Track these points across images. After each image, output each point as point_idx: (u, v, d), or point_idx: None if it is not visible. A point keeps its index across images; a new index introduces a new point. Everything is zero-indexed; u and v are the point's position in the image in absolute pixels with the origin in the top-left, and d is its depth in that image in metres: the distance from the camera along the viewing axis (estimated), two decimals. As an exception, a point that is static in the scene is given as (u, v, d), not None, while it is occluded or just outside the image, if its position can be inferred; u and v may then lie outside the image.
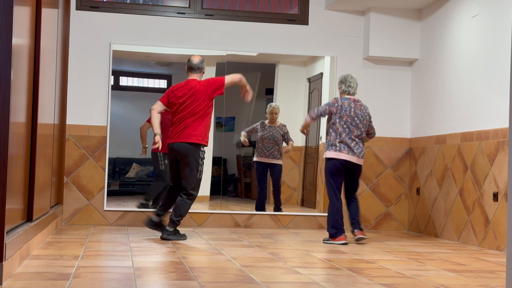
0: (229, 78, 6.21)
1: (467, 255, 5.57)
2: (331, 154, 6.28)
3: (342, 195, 6.36)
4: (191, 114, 6.09)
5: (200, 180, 6.14)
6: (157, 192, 7.75)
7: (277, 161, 8.03)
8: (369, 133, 6.51)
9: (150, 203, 7.69)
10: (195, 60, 6.24)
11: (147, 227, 6.24)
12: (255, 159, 8.09)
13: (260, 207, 7.91)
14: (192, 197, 6.12)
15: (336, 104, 6.33)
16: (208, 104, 6.13)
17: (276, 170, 8.07)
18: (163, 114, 6.40)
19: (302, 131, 6.67)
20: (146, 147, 7.76)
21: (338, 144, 6.26)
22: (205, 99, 6.11)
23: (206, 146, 6.17)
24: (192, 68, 6.23)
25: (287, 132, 8.04)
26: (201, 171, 6.13)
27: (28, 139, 4.60)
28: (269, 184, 8.21)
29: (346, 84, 6.40)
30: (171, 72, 8.55)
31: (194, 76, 6.23)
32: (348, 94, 6.40)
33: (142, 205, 7.66)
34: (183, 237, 6.12)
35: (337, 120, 6.28)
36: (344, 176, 6.35)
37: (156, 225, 6.18)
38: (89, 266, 4.30)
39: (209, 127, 6.20)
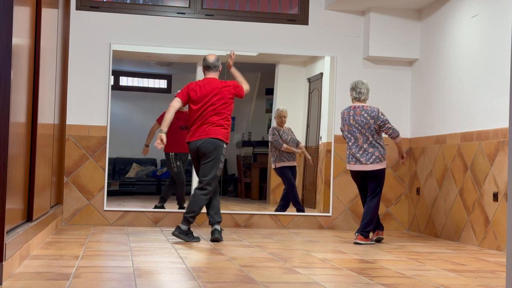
0: (245, 88, 6.31)
1: (467, 255, 5.57)
2: (347, 167, 6.48)
3: None
4: (216, 113, 6.09)
5: (217, 177, 6.10)
6: (168, 195, 7.78)
7: (295, 162, 8.05)
8: (387, 134, 6.35)
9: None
10: (211, 59, 6.23)
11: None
12: (280, 164, 7.98)
13: (301, 207, 7.90)
14: (206, 191, 6.02)
15: (341, 117, 6.47)
16: (232, 105, 6.19)
17: (295, 172, 8.08)
18: (175, 123, 6.44)
19: None
20: (148, 146, 7.75)
21: (347, 155, 6.41)
22: (230, 99, 6.15)
23: (228, 144, 6.24)
24: (208, 67, 6.23)
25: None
26: (221, 169, 6.12)
27: (28, 139, 4.60)
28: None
29: (356, 91, 6.40)
30: (171, 72, 8.56)
31: (212, 75, 6.22)
32: (358, 100, 6.40)
33: (156, 207, 7.69)
34: (196, 239, 5.99)
35: (343, 132, 6.44)
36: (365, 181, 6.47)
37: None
38: (89, 266, 4.30)
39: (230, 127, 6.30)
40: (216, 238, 5.98)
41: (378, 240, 6.38)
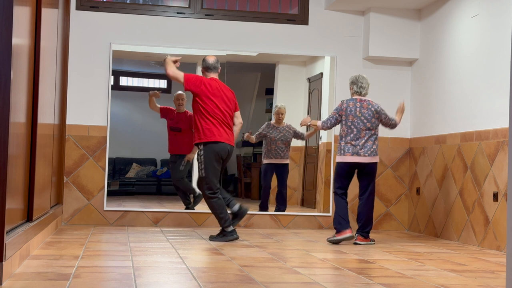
0: (238, 122, 6.45)
1: (467, 255, 5.57)
2: (337, 158, 6.35)
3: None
4: (231, 114, 6.26)
5: None
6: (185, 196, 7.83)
7: (286, 160, 8.04)
8: (389, 123, 6.38)
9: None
10: (211, 60, 6.28)
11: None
12: (266, 161, 8.00)
13: (265, 207, 7.92)
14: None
15: (342, 107, 6.37)
16: None
17: (285, 170, 8.05)
18: (168, 123, 6.52)
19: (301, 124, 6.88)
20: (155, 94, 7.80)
21: (343, 147, 6.30)
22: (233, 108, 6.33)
23: None
24: (209, 68, 6.27)
25: (295, 130, 8.02)
26: None
27: (28, 139, 4.60)
28: (273, 185, 8.20)
29: (357, 85, 6.37)
30: (171, 72, 8.53)
31: (214, 75, 6.28)
32: (360, 94, 6.37)
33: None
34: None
35: (343, 122, 6.33)
36: (357, 176, 6.39)
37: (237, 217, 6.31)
38: (89, 266, 4.30)
39: None
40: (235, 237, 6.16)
41: (356, 244, 6.18)
